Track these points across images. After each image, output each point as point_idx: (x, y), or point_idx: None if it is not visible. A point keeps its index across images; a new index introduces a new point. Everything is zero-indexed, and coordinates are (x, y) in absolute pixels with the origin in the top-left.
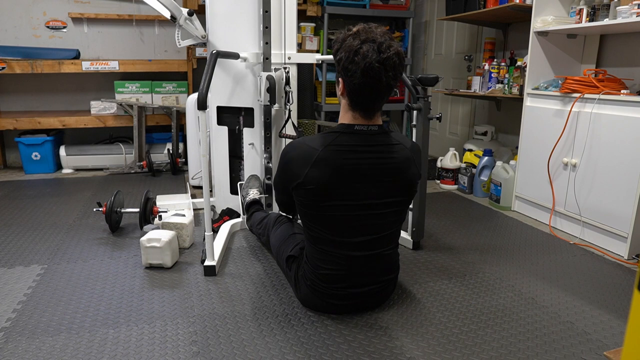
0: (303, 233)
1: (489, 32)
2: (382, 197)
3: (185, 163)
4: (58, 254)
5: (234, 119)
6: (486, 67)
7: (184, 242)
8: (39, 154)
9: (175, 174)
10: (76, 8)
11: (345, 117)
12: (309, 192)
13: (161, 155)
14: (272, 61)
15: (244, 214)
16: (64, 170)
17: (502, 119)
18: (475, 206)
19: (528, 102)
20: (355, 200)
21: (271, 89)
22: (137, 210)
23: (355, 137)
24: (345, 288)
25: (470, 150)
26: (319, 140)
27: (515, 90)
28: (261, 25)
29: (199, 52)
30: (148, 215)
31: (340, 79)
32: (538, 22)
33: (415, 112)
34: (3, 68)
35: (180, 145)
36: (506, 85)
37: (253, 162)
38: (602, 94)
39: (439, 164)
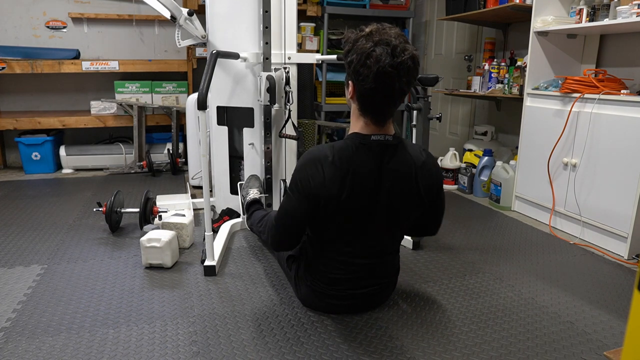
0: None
1: (489, 32)
2: (393, 209)
3: (185, 163)
4: (58, 254)
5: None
6: (486, 67)
7: (184, 242)
8: (39, 154)
9: (175, 174)
10: (76, 8)
11: (357, 124)
12: (331, 211)
13: (161, 155)
14: (272, 61)
15: (244, 214)
16: (64, 170)
17: (502, 119)
18: (475, 206)
19: (528, 102)
20: (367, 212)
21: (271, 89)
22: (137, 210)
23: (373, 150)
24: (346, 289)
25: (470, 150)
26: (338, 157)
27: (515, 90)
28: (261, 25)
29: (199, 52)
30: (148, 215)
31: (350, 81)
32: (538, 22)
33: (415, 112)
34: (3, 68)
35: (180, 145)
36: (506, 85)
37: (253, 162)
38: (602, 94)
39: (438, 164)
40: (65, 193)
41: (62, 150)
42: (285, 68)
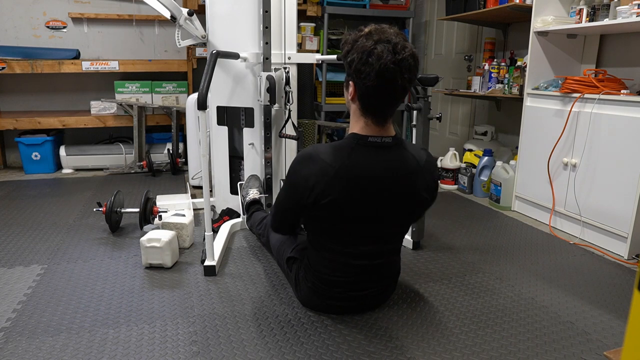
0: (304, 234)
1: (489, 32)
2: (392, 211)
3: (185, 163)
4: (58, 254)
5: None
6: (486, 67)
7: (184, 242)
8: (39, 154)
9: (175, 174)
10: (76, 8)
11: (356, 125)
12: (320, 208)
13: (161, 155)
14: (272, 61)
15: (244, 214)
16: (64, 170)
17: (502, 119)
18: (475, 206)
19: (528, 102)
20: (366, 214)
21: (271, 89)
22: (137, 210)
23: (370, 151)
24: (347, 291)
25: (470, 150)
26: (332, 155)
27: (515, 90)
28: (261, 25)
29: (199, 52)
30: (148, 215)
31: (350, 82)
32: (538, 22)
33: (415, 112)
34: (3, 68)
35: (180, 145)
36: (506, 85)
37: (253, 162)
38: (602, 94)
39: (439, 164)
40: (65, 193)
41: (62, 150)
42: (285, 68)
